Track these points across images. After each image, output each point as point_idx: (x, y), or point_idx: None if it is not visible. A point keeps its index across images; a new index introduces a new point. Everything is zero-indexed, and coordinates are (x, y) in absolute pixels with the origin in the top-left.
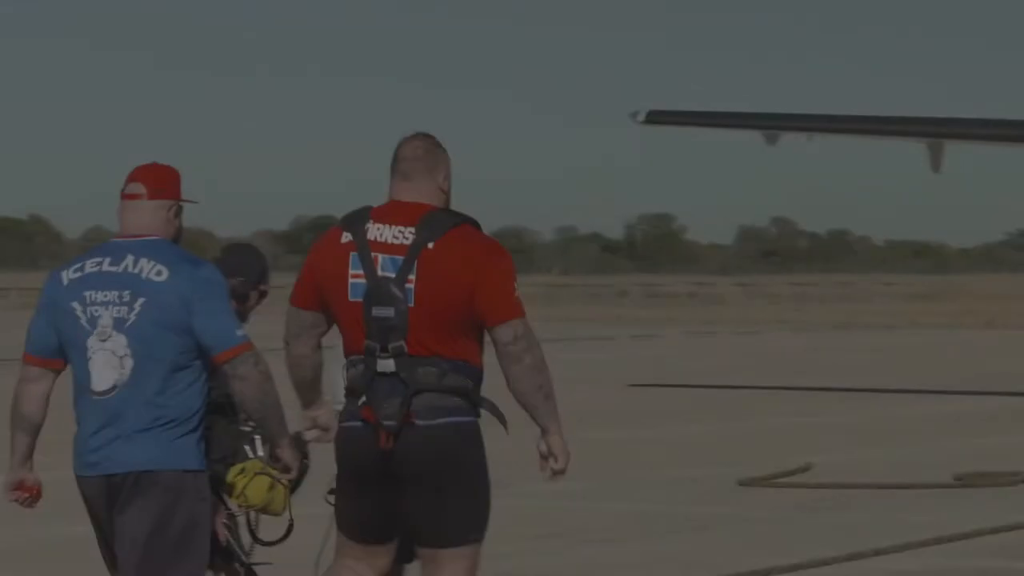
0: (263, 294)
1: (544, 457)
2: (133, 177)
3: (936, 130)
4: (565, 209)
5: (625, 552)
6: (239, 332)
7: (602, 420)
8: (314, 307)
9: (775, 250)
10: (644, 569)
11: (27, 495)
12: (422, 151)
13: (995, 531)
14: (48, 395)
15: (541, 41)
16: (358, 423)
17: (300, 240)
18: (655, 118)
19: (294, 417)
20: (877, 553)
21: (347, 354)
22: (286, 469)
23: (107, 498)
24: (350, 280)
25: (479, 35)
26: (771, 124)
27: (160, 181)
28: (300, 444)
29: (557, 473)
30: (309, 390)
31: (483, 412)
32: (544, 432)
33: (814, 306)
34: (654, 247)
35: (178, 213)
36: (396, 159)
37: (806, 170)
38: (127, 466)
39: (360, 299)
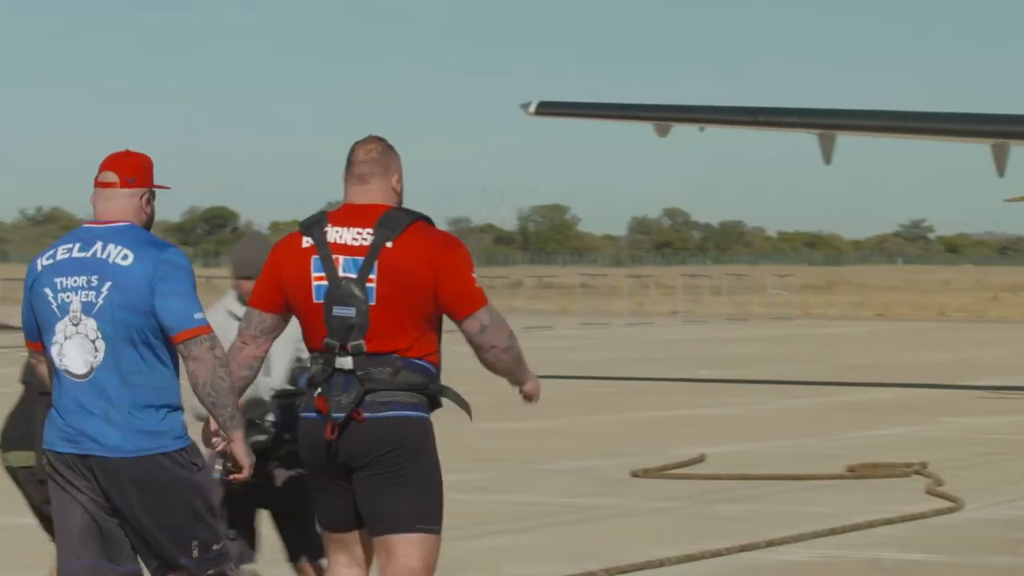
0: None
1: (525, 396)
2: (106, 165)
3: (827, 122)
4: (458, 201)
5: (519, 543)
6: (197, 315)
7: (496, 412)
8: (276, 310)
9: (668, 241)
10: (537, 561)
11: None
12: (376, 153)
13: (888, 522)
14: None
15: (433, 33)
16: (312, 414)
17: (194, 231)
18: (546, 109)
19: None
20: (770, 544)
21: (309, 351)
22: (236, 466)
23: (85, 477)
24: (314, 283)
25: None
26: (662, 115)
27: (132, 170)
28: (285, 419)
29: (529, 398)
30: (240, 392)
31: (445, 401)
32: (520, 384)
33: (707, 297)
34: (547, 238)
35: (150, 200)
36: (350, 162)
37: (699, 162)
38: (116, 451)
39: (322, 300)
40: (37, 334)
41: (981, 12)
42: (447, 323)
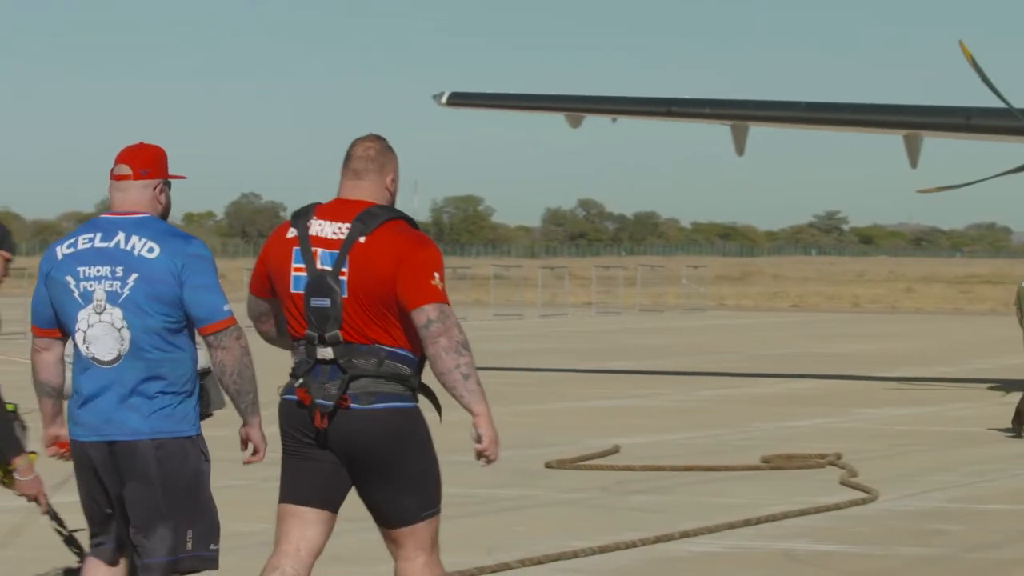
0: (7, 260)
1: (474, 441)
2: (121, 158)
3: (740, 113)
4: None
5: None
6: (226, 307)
7: None
8: (267, 295)
9: (582, 232)
10: (451, 552)
11: (63, 449)
12: (374, 151)
13: (802, 513)
14: (61, 360)
15: (345, 21)
16: (295, 399)
17: None
18: (458, 100)
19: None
20: (684, 535)
21: (292, 339)
22: (254, 451)
23: (108, 461)
24: (292, 273)
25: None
26: (574, 106)
27: (146, 162)
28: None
29: (484, 456)
30: (286, 338)
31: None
32: (473, 416)
33: (621, 288)
34: (461, 229)
35: (164, 190)
36: (348, 158)
37: (613, 153)
38: (134, 434)
39: (301, 291)
40: (48, 321)
41: (892, 3)
42: None
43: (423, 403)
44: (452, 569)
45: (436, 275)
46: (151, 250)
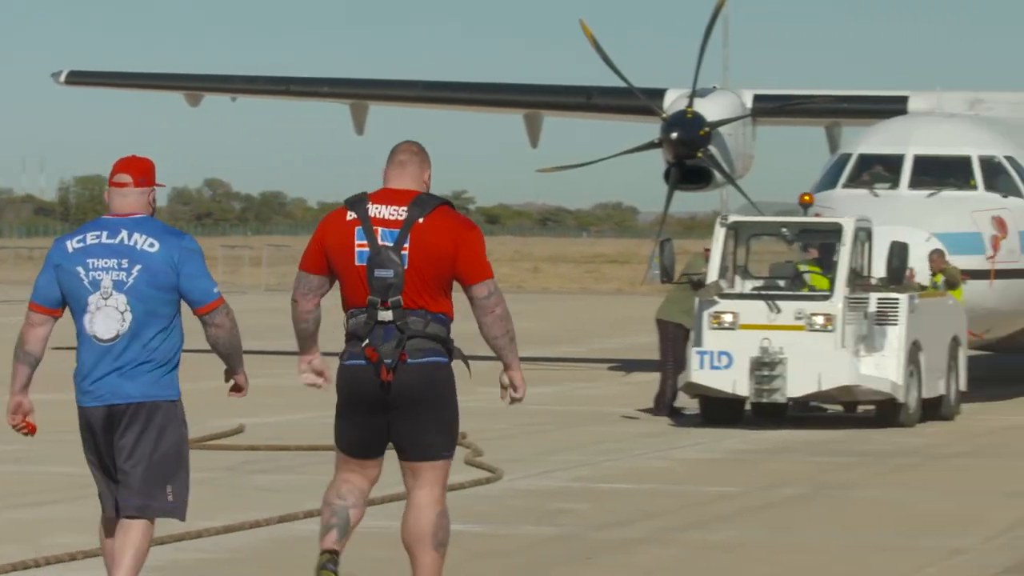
0: None
1: (504, 387)
2: (120, 168)
3: (359, 92)
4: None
5: (56, 514)
6: (215, 290)
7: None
8: (321, 272)
9: (209, 212)
10: (76, 532)
11: (24, 421)
12: (416, 149)
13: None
14: (48, 337)
15: None
16: (361, 361)
17: None
18: (76, 79)
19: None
20: (308, 515)
21: (348, 307)
22: (239, 388)
23: (108, 423)
24: (356, 249)
25: None
26: (192, 85)
27: (142, 172)
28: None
29: (515, 400)
30: (309, 339)
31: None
32: (507, 367)
33: (247, 268)
34: (88, 209)
35: (154, 195)
36: (394, 152)
37: (237, 131)
38: (129, 398)
39: (364, 263)
40: (50, 301)
41: None
42: None
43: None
44: (62, 551)
45: (485, 253)
46: (152, 245)
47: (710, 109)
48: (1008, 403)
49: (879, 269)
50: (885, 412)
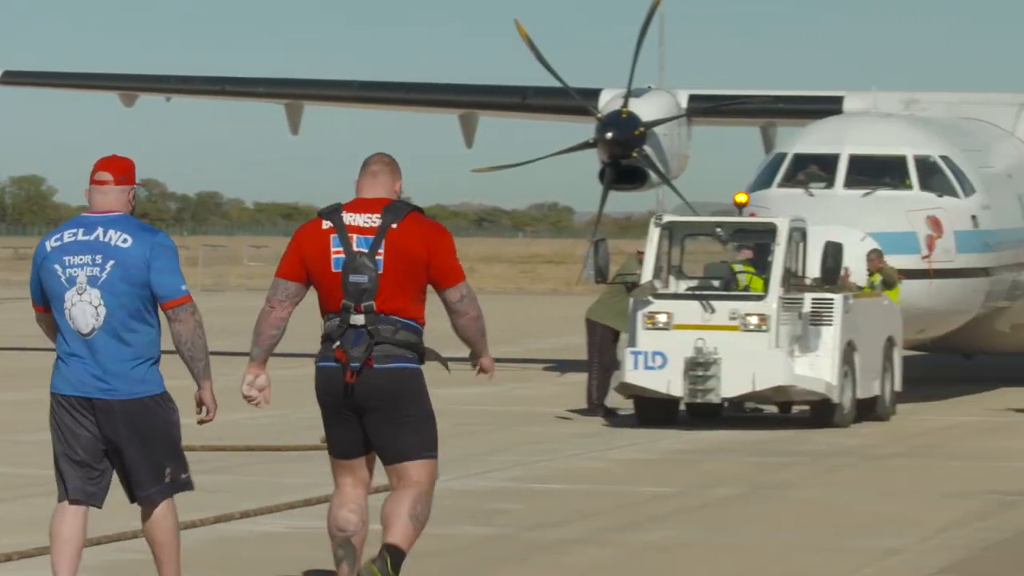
0: None
1: (475, 366)
2: (100, 167)
3: (294, 92)
4: None
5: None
6: (183, 287)
7: None
8: (298, 279)
9: (145, 212)
10: None
11: None
12: (387, 160)
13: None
14: (53, 329)
15: None
16: (331, 363)
17: None
18: (11, 79)
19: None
20: (245, 515)
21: (325, 312)
22: (207, 411)
23: (87, 413)
24: (332, 256)
25: None
26: (127, 85)
27: (123, 170)
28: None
29: (485, 371)
30: (268, 349)
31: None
32: (478, 356)
33: (184, 268)
34: (23, 209)
35: (134, 194)
36: (367, 164)
37: (174, 132)
38: (113, 394)
39: (340, 270)
40: (42, 299)
41: None
42: None
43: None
44: None
45: (456, 256)
46: (125, 241)
47: (645, 109)
48: (943, 403)
49: (814, 269)
50: (820, 412)
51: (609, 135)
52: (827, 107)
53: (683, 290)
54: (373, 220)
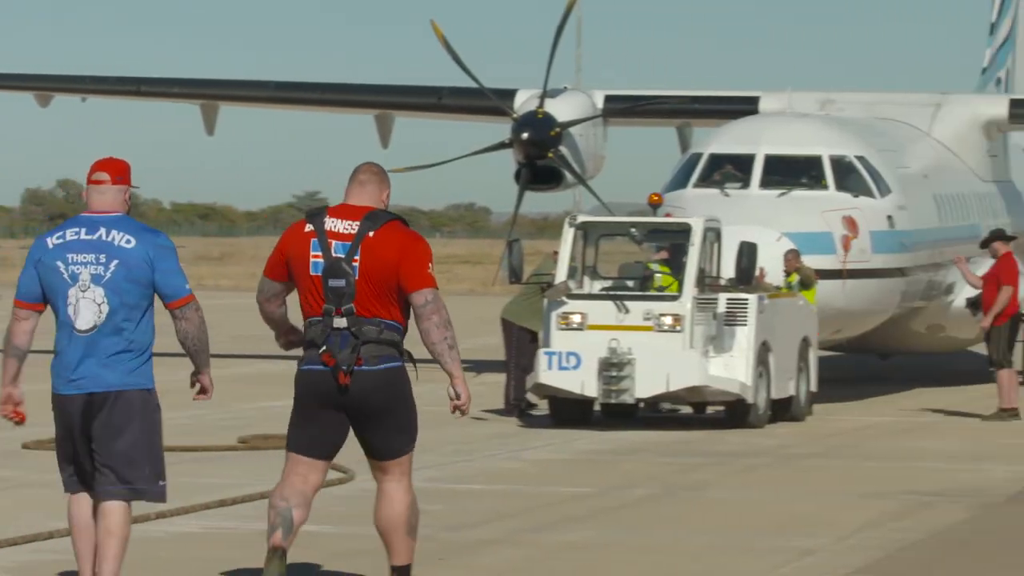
0: None
1: (451, 399)
2: (98, 168)
3: (209, 92)
4: None
5: None
6: (187, 287)
7: None
8: (282, 279)
9: (62, 212)
10: None
11: (14, 411)
12: (376, 170)
13: None
14: (34, 330)
15: None
16: (318, 366)
17: None
18: None
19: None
20: (160, 516)
21: (306, 316)
22: (204, 391)
23: (86, 410)
24: (311, 259)
25: None
26: (43, 86)
27: (119, 171)
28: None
29: (459, 408)
30: (282, 322)
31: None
32: (451, 377)
33: None
34: None
35: (129, 195)
36: (356, 172)
37: (90, 132)
38: (108, 387)
39: (319, 274)
40: (33, 297)
41: None
42: None
43: None
44: None
45: (430, 265)
46: (128, 241)
47: (561, 109)
48: (859, 404)
49: (729, 269)
50: (734, 413)
51: (525, 135)
52: (743, 107)
53: (597, 291)
54: (352, 227)
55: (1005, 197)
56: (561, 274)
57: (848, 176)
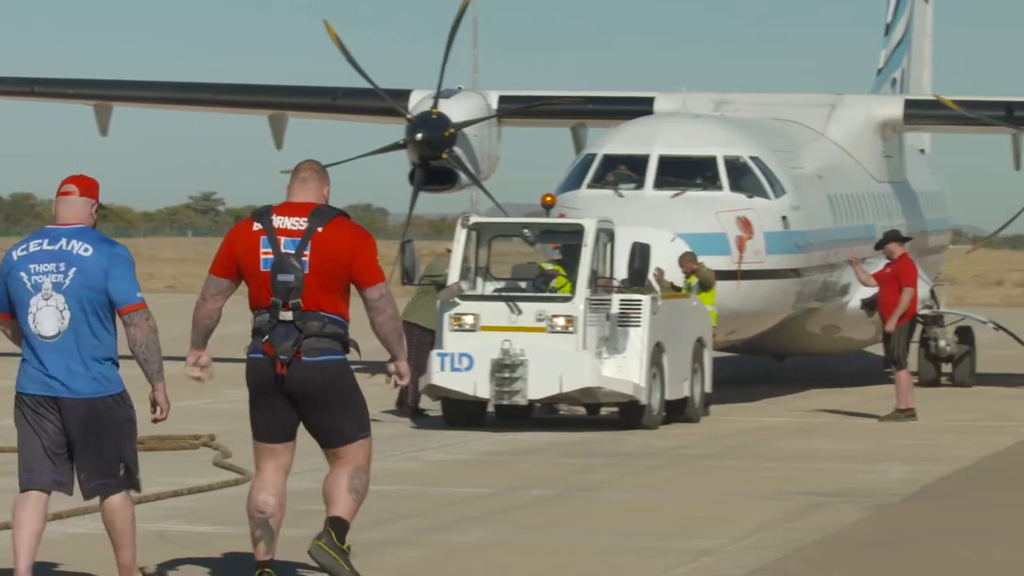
0: None
1: (391, 374)
2: (67, 181)
3: (103, 93)
4: None
5: None
6: (138, 295)
7: None
8: (229, 276)
9: None
10: None
11: None
12: (316, 168)
13: (175, 494)
14: (18, 335)
15: None
16: (260, 355)
17: None
18: None
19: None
20: (57, 517)
21: (253, 307)
22: (160, 410)
23: (52, 410)
24: (261, 256)
25: None
26: None
27: (87, 186)
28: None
29: (400, 385)
30: (206, 335)
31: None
32: (395, 358)
33: None
34: None
35: (96, 209)
36: (297, 170)
37: None
38: (77, 393)
39: (269, 269)
40: (7, 307)
41: None
42: None
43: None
44: None
45: (377, 259)
46: (86, 250)
47: (455, 110)
48: (754, 405)
49: (622, 270)
50: (628, 414)
51: (419, 136)
52: (638, 108)
53: (490, 291)
54: (300, 223)
55: (900, 198)
56: (454, 275)
57: (742, 177)
